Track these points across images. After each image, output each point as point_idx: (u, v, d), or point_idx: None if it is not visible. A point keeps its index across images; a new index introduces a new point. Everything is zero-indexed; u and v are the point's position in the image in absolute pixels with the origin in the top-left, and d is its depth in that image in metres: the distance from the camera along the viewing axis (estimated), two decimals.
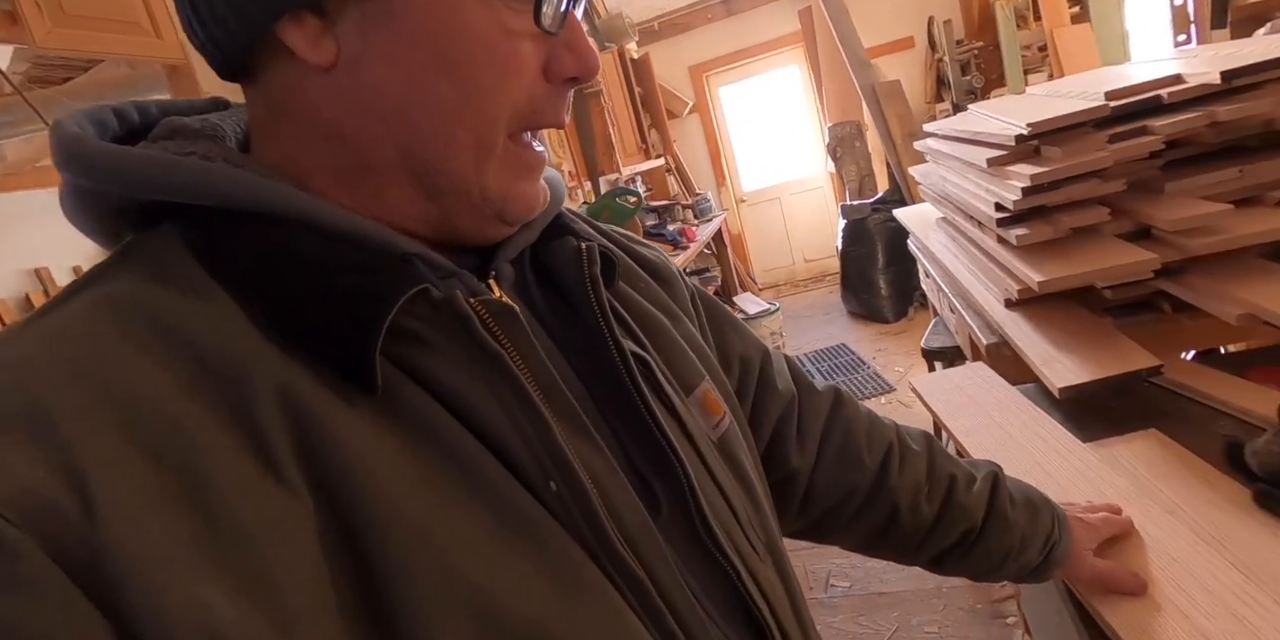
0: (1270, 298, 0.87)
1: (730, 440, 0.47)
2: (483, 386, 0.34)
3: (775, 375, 0.61)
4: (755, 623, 0.40)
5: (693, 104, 5.28)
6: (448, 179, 0.36)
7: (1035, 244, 1.09)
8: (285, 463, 0.28)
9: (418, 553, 0.29)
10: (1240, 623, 0.57)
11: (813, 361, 3.80)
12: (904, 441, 0.65)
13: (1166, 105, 1.07)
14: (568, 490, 0.34)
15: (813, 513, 0.62)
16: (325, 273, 0.33)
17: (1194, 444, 0.82)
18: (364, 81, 0.34)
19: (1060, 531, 0.64)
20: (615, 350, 0.41)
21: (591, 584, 0.33)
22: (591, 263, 0.42)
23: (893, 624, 1.82)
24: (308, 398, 0.30)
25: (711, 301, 0.59)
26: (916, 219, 2.05)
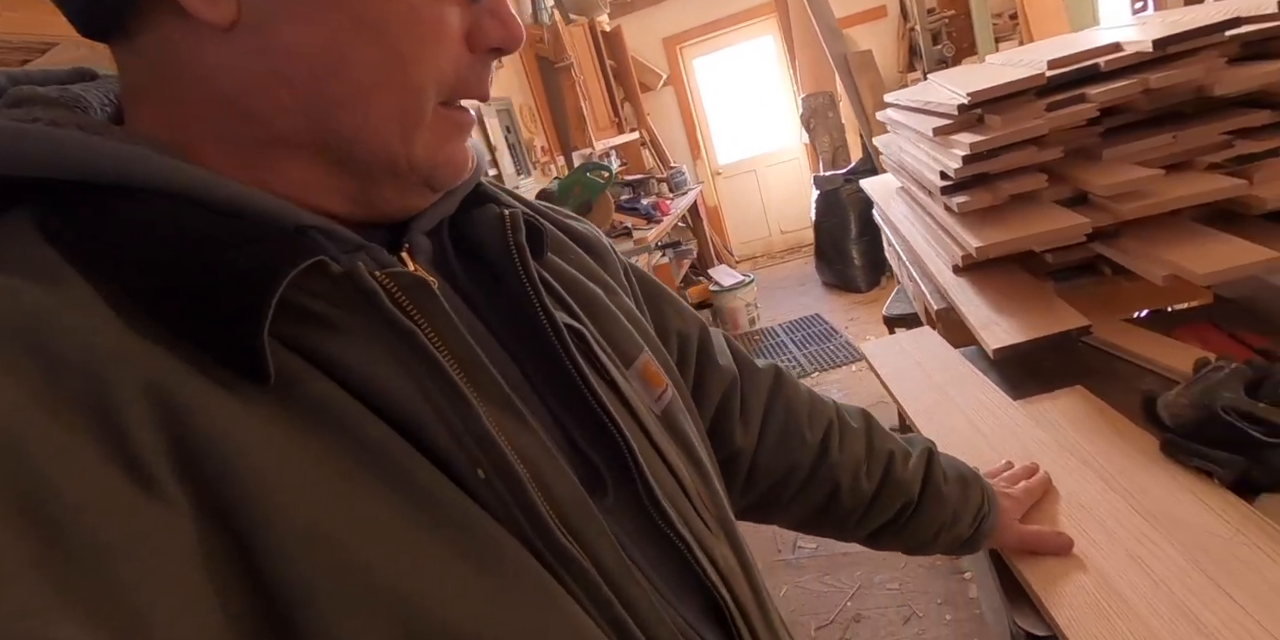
0: (1192, 258, 0.91)
1: (674, 413, 0.46)
2: (395, 368, 0.31)
3: (716, 353, 0.60)
4: (712, 599, 0.39)
5: (667, 76, 5.24)
6: (369, 151, 0.34)
7: (977, 211, 1.12)
8: (156, 469, 0.25)
9: (323, 557, 0.26)
10: (1135, 561, 0.61)
11: (786, 332, 3.85)
12: (843, 419, 0.65)
13: (1105, 73, 1.10)
14: (498, 476, 0.32)
15: (755, 492, 0.62)
16: (202, 249, 0.30)
17: (1117, 399, 0.87)
18: (272, 45, 0.31)
19: (989, 505, 0.66)
20: (547, 321, 0.38)
21: (529, 578, 0.31)
22: (515, 229, 0.40)
23: (856, 582, 1.89)
24: (184, 393, 0.27)
25: (645, 277, 0.57)
26: (880, 189, 2.07)
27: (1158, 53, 1.03)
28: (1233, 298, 1.06)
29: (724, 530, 0.43)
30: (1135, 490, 0.69)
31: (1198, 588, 0.57)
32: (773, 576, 2.00)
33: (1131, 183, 0.99)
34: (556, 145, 3.95)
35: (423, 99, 0.34)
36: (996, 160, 1.08)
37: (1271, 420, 0.69)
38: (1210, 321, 1.01)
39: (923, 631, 1.68)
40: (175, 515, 0.25)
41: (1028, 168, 1.10)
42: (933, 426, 0.90)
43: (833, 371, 3.16)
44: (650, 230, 3.48)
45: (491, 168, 3.25)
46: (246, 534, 0.26)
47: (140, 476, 0.25)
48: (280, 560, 0.26)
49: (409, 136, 0.34)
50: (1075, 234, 1.00)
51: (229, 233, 0.30)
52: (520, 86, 3.72)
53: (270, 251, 0.30)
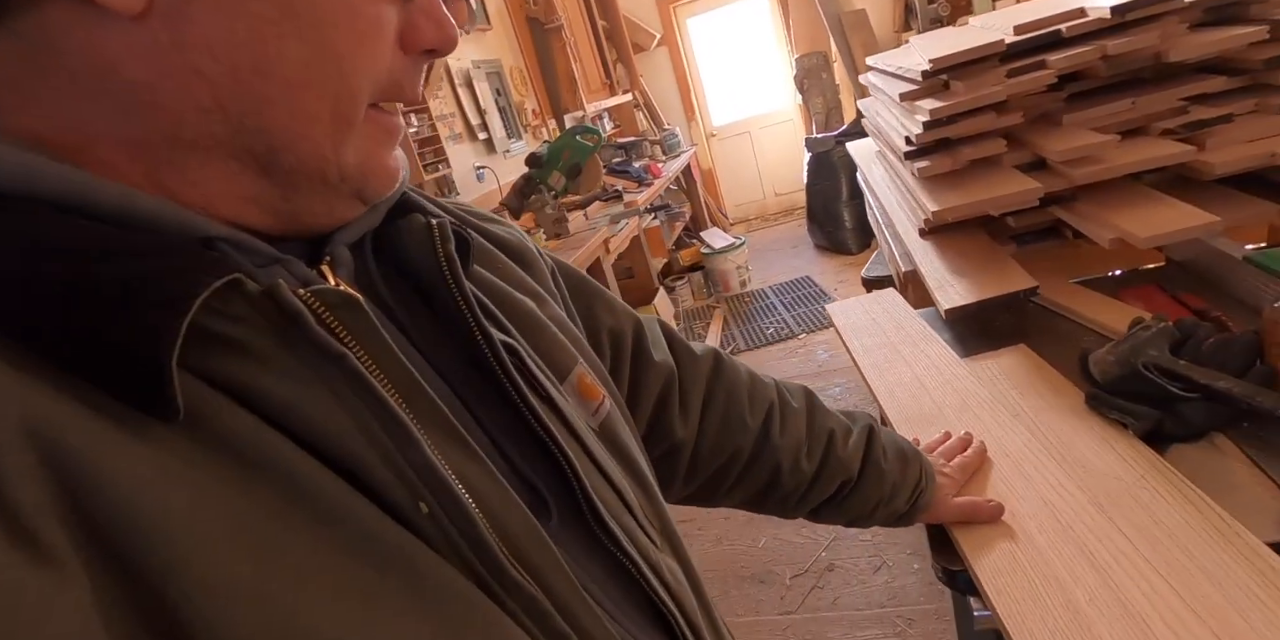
0: (1136, 222, 0.94)
1: (612, 425, 0.45)
2: (325, 397, 0.29)
3: (651, 347, 0.59)
4: (660, 614, 0.39)
5: (660, 37, 5.17)
6: (296, 157, 0.31)
7: (938, 175, 1.15)
8: (39, 527, 0.22)
9: (252, 613, 0.24)
10: (1046, 505, 0.67)
11: (776, 294, 3.89)
12: (784, 400, 0.65)
13: (1068, 39, 1.12)
14: (443, 510, 0.29)
15: (698, 479, 0.62)
16: (91, 265, 0.25)
17: (1058, 357, 0.91)
18: (190, 38, 0.28)
19: (927, 481, 0.68)
20: (483, 339, 0.37)
21: (483, 618, 0.29)
22: (445, 240, 0.37)
23: (832, 534, 1.97)
24: (72, 436, 0.23)
25: (574, 274, 0.55)
26: (864, 152, 2.09)
27: (1116, 19, 1.05)
28: (1182, 261, 1.10)
29: (669, 542, 0.43)
30: (1057, 441, 0.74)
31: (1096, 527, 0.62)
32: (753, 528, 2.08)
33: (1084, 148, 1.02)
34: (548, 108, 3.93)
35: (356, 100, 0.32)
36: (957, 125, 1.11)
37: (1189, 376, 0.74)
38: (1156, 283, 1.05)
39: (892, 580, 1.76)
40: (64, 580, 0.22)
41: (988, 133, 1.13)
42: (882, 380, 0.95)
43: (819, 333, 3.21)
44: (641, 193, 3.49)
45: (482, 131, 3.24)
46: (164, 596, 0.23)
47: (19, 535, 0.21)
48: (203, 619, 0.23)
49: (340, 141, 0.32)
50: (1028, 198, 1.03)
51: (124, 246, 0.26)
52: (510, 48, 3.69)
53: (176, 268, 0.26)
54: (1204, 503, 0.61)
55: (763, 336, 3.38)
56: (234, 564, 0.24)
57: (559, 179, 2.84)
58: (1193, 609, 0.52)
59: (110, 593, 0.22)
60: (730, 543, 2.05)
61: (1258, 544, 0.56)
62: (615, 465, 0.42)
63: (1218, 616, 0.51)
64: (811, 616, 1.72)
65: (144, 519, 0.23)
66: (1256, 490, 0.63)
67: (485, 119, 3.27)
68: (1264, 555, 0.55)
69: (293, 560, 0.25)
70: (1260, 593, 0.52)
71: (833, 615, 1.70)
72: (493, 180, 3.10)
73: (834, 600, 1.75)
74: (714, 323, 3.69)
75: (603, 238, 2.70)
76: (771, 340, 3.31)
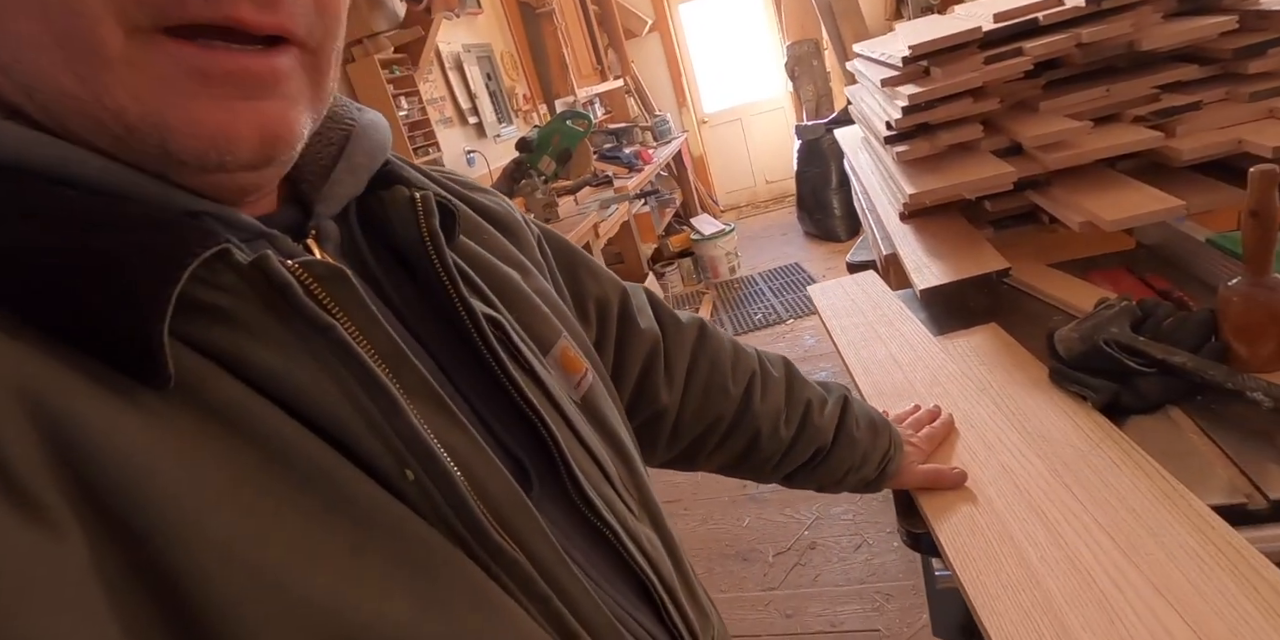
0: (1104, 206, 0.97)
1: (594, 398, 0.45)
2: (313, 366, 0.29)
3: (636, 314, 0.60)
4: (640, 582, 0.40)
5: (652, 22, 5.16)
6: (49, 96, 0.26)
7: (918, 159, 1.18)
8: (35, 489, 0.22)
9: (244, 573, 0.24)
10: (1005, 471, 0.70)
11: (765, 280, 3.92)
12: (765, 369, 0.68)
13: (1046, 26, 1.14)
14: (428, 477, 0.30)
15: (680, 443, 0.64)
16: (80, 234, 0.25)
17: (1028, 335, 0.94)
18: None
19: (895, 450, 0.71)
20: (465, 312, 0.37)
21: (464, 579, 0.30)
22: (429, 214, 0.38)
23: (814, 514, 2.01)
24: (66, 402, 0.24)
25: (561, 243, 0.56)
26: (850, 139, 2.11)
27: (1092, 8, 1.07)
28: (1150, 245, 1.13)
29: (648, 512, 0.44)
30: (1020, 412, 0.78)
31: (1051, 491, 0.65)
32: (737, 509, 2.12)
33: (1056, 134, 1.04)
34: (539, 93, 3.93)
35: (81, 16, 0.25)
36: (935, 111, 1.13)
37: (1147, 351, 0.77)
38: (1125, 266, 1.08)
39: (871, 558, 1.81)
40: (63, 540, 0.22)
41: (966, 119, 1.15)
42: (858, 357, 0.98)
43: (807, 319, 3.25)
44: (631, 179, 3.51)
45: (472, 116, 3.25)
46: (157, 554, 0.23)
47: (17, 499, 0.22)
48: (197, 579, 0.24)
49: (91, 76, 0.26)
50: (1002, 183, 1.06)
51: (114, 217, 0.26)
52: (501, 32, 3.68)
53: (165, 238, 0.26)
54: (1153, 469, 0.64)
55: (751, 322, 3.41)
56: (226, 526, 0.25)
57: (549, 164, 2.86)
58: (1135, 564, 0.55)
59: (107, 554, 0.23)
60: (715, 522, 2.09)
61: (1201, 506, 0.59)
62: (596, 437, 0.43)
63: (1158, 570, 0.54)
64: (793, 592, 1.76)
65: (138, 482, 0.24)
66: (1207, 458, 0.67)
67: (476, 103, 3.28)
68: (1205, 516, 0.58)
69: (282, 524, 0.26)
70: (1198, 549, 0.55)
71: (813, 591, 1.75)
72: (483, 164, 3.11)
73: (815, 577, 1.79)
74: (703, 308, 3.72)
75: (592, 223, 2.72)
76: (759, 326, 3.34)
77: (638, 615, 0.39)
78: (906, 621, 1.57)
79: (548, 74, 3.93)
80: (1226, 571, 0.53)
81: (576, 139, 3.00)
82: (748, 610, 1.73)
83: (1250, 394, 0.67)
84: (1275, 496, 0.60)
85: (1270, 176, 0.68)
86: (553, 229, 0.56)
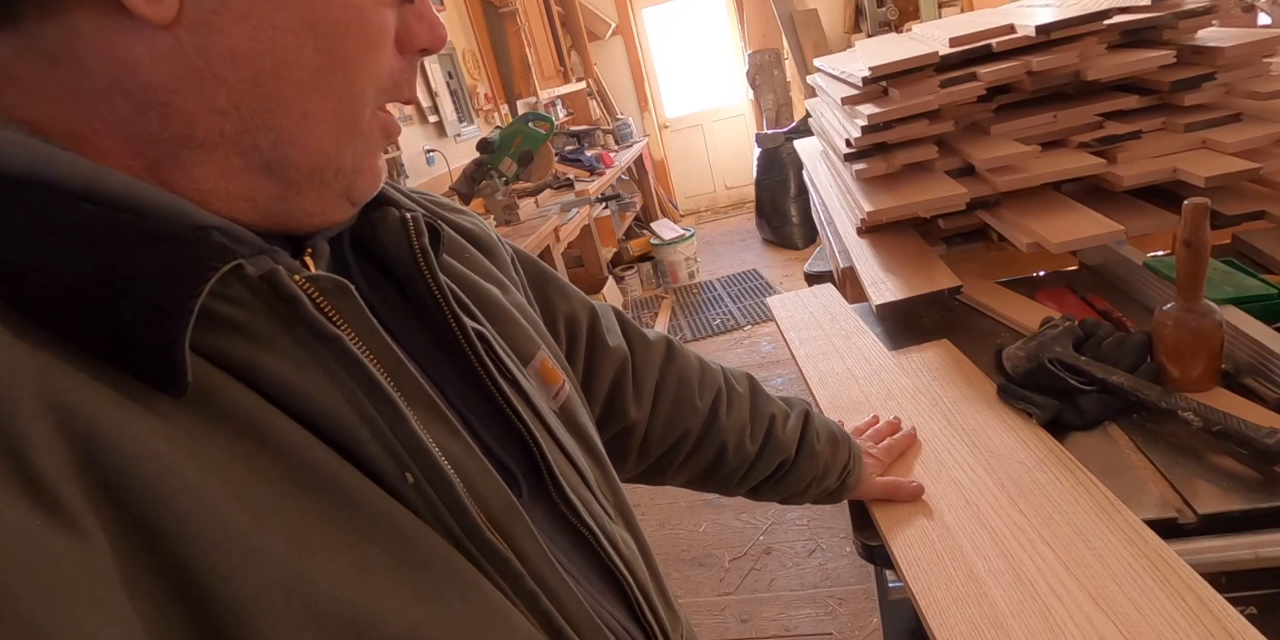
0: (1051, 229, 1.02)
1: (572, 407, 0.48)
2: (319, 376, 0.31)
3: (605, 333, 0.61)
4: (616, 582, 0.42)
5: (615, 26, 5.17)
6: (302, 153, 0.33)
7: (876, 177, 1.21)
8: (63, 494, 0.23)
9: (264, 572, 0.26)
10: (955, 484, 0.73)
11: (724, 286, 3.96)
12: (730, 384, 0.70)
13: (998, 53, 1.19)
14: (428, 481, 0.32)
15: (649, 458, 0.66)
16: (102, 247, 0.27)
17: (977, 351, 0.98)
18: (215, 46, 0.30)
19: (854, 461, 0.73)
20: (457, 328, 0.39)
21: (463, 578, 0.32)
22: (419, 234, 0.40)
23: (770, 519, 2.05)
24: (90, 409, 0.25)
25: (532, 262, 0.58)
26: (810, 151, 2.16)
27: (1041, 37, 1.12)
28: (1092, 265, 1.19)
29: (622, 515, 0.46)
30: (969, 427, 0.81)
31: (997, 505, 0.68)
32: (694, 514, 2.14)
33: (1008, 158, 1.09)
34: (500, 93, 3.91)
35: (360, 103, 0.34)
36: (893, 131, 1.17)
37: (1088, 370, 0.82)
38: (1069, 286, 1.13)
39: (825, 563, 1.85)
40: (88, 544, 0.23)
41: (922, 139, 1.19)
42: (815, 370, 1.01)
43: (764, 325, 3.30)
44: (593, 182, 3.51)
45: (433, 114, 3.21)
46: (180, 556, 0.25)
47: (43, 504, 0.22)
48: (220, 576, 0.25)
49: (342, 141, 0.34)
50: (955, 203, 1.10)
51: (135, 231, 0.28)
52: (464, 31, 3.65)
53: (185, 253, 0.28)
54: (1092, 484, 0.68)
55: (709, 327, 3.45)
56: (243, 528, 0.26)
57: (510, 165, 2.84)
58: (1074, 576, 0.58)
59: (128, 556, 0.24)
60: (672, 528, 2.11)
61: (1135, 520, 0.63)
62: (575, 444, 0.45)
63: (1095, 582, 0.57)
64: (748, 597, 1.79)
65: (159, 487, 0.25)
66: (1140, 474, 0.71)
67: (436, 102, 3.24)
68: (1139, 529, 0.62)
69: (294, 525, 0.28)
70: (1132, 561, 0.59)
71: (768, 596, 1.78)
72: (443, 164, 3.08)
73: (770, 582, 1.82)
74: (662, 313, 3.75)
75: (553, 226, 2.72)
76: (718, 331, 3.38)
77: (614, 612, 0.41)
78: (858, 625, 1.61)
79: (510, 74, 3.91)
80: (1158, 582, 0.56)
81: (539, 141, 2.99)
82: (704, 615, 1.76)
83: (1182, 413, 0.71)
84: (1203, 512, 0.64)
85: (1202, 209, 0.72)
86: (523, 248, 0.58)
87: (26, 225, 0.27)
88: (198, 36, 0.29)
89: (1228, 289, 0.89)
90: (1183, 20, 1.13)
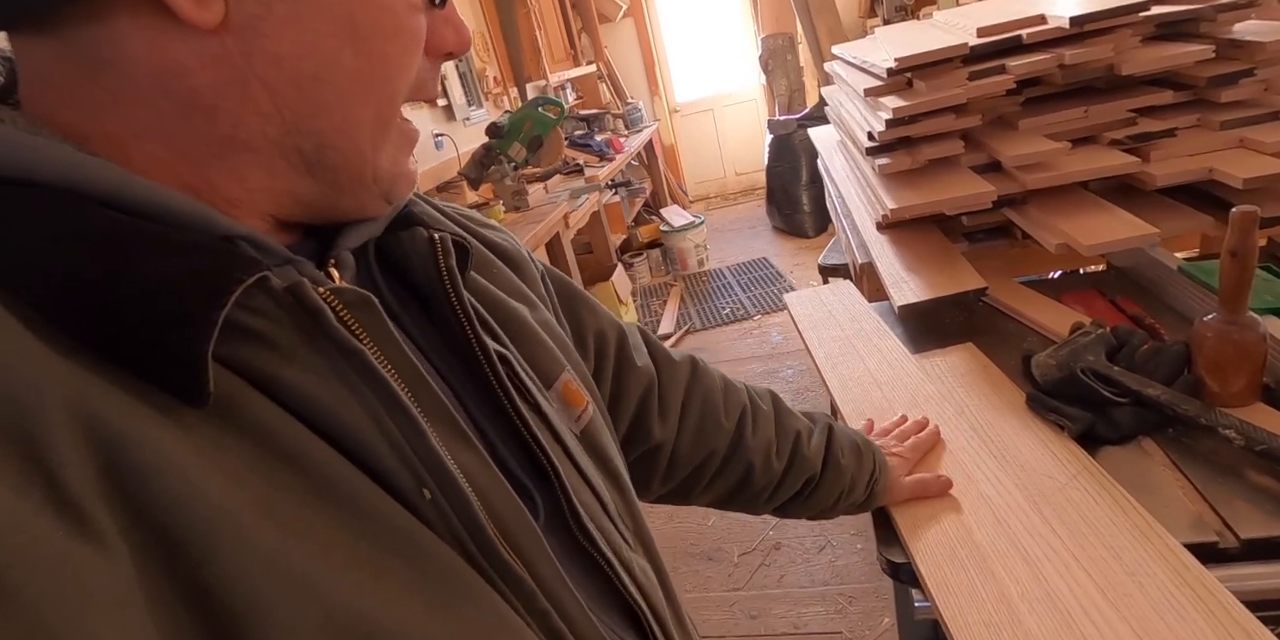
0: (1082, 230, 0.98)
1: (594, 431, 0.47)
2: (340, 389, 0.31)
3: (633, 352, 0.61)
4: (631, 610, 0.41)
5: (626, 8, 5.09)
6: (343, 156, 0.34)
7: (898, 172, 1.18)
8: (87, 505, 0.23)
9: (284, 583, 0.26)
10: (984, 500, 0.71)
11: (734, 274, 3.93)
12: (755, 402, 0.69)
13: (1027, 45, 1.14)
14: (444, 496, 0.32)
15: (675, 478, 0.65)
16: (128, 256, 0.27)
17: (1003, 356, 0.95)
18: (259, 49, 0.30)
19: (880, 470, 0.72)
20: (479, 349, 0.39)
21: (476, 594, 0.32)
22: (446, 254, 0.39)
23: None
24: (115, 420, 0.25)
25: (561, 280, 0.58)
26: (825, 139, 2.11)
27: (1075, 29, 1.08)
28: (1121, 267, 1.15)
29: (641, 543, 0.46)
30: (997, 439, 0.79)
31: (1030, 524, 0.66)
32: (703, 508, 2.13)
33: (1037, 155, 1.05)
34: (510, 76, 3.85)
35: (395, 106, 0.35)
36: (918, 125, 1.13)
37: (1122, 382, 0.79)
38: (1096, 288, 1.10)
39: (835, 560, 1.83)
40: (109, 554, 0.23)
41: (948, 134, 1.16)
42: (835, 373, 0.99)
43: (774, 315, 3.27)
44: (603, 168, 3.47)
45: (441, 98, 3.17)
46: (199, 567, 0.25)
47: (68, 512, 0.23)
48: (240, 586, 0.25)
49: (378, 144, 0.35)
50: (982, 201, 1.07)
51: (163, 241, 0.28)
52: (473, 13, 3.59)
53: (211, 264, 0.28)
54: (1129, 503, 0.66)
55: (718, 316, 3.42)
56: (267, 536, 0.26)
57: (520, 151, 2.80)
58: (1113, 604, 0.56)
59: (149, 566, 0.24)
60: (680, 521, 2.10)
61: (1175, 544, 0.61)
62: (595, 469, 0.44)
63: (1136, 613, 0.55)
64: (758, 593, 1.78)
65: (180, 497, 0.25)
66: (1176, 493, 0.68)
67: (445, 85, 3.20)
68: (1180, 555, 0.59)
69: (313, 537, 0.28)
70: (1175, 591, 0.56)
71: (778, 592, 1.77)
72: (451, 149, 3.04)
73: (780, 578, 1.81)
74: (671, 301, 3.72)
75: (563, 212, 2.68)
76: (727, 320, 3.35)
77: (627, 638, 0.41)
78: (869, 624, 1.60)
79: (519, 57, 3.85)
80: (1201, 613, 0.54)
81: (549, 126, 2.95)
82: (712, 611, 1.75)
83: (1223, 430, 0.68)
84: (1246, 536, 0.61)
85: (1251, 217, 0.69)
86: (554, 267, 0.57)
87: (55, 232, 0.27)
88: (242, 40, 0.30)
89: (1268, 298, 0.86)
90: (1222, 13, 1.08)
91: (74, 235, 0.27)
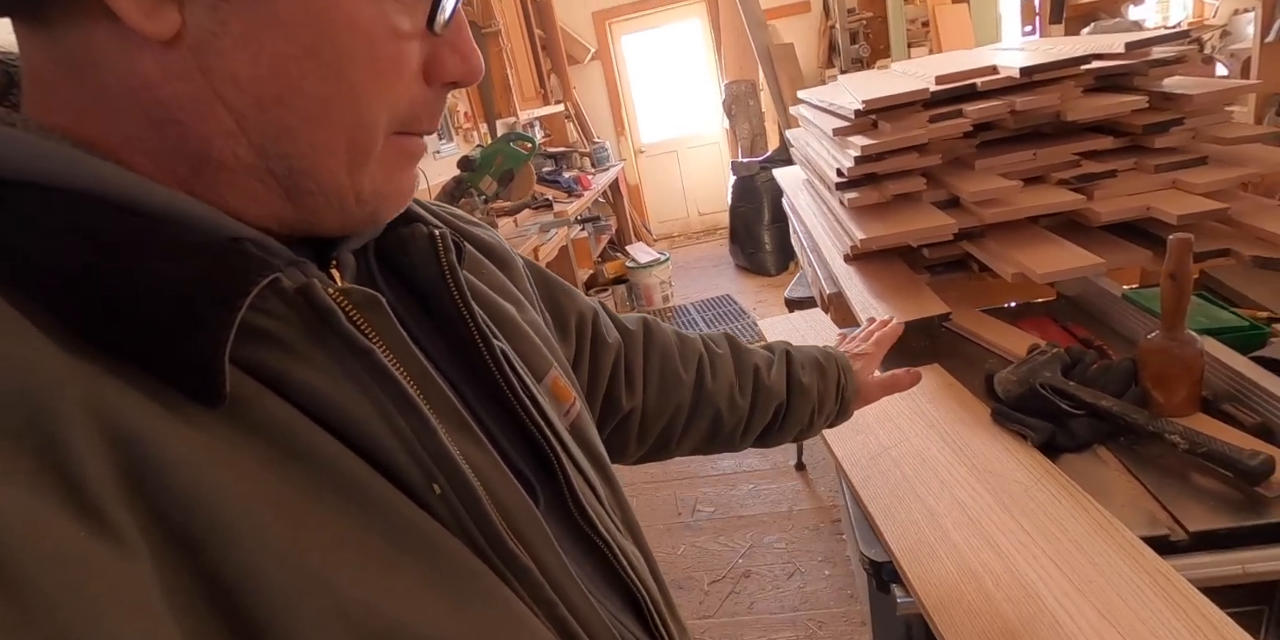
0: (1035, 261, 1.06)
1: (582, 425, 0.48)
2: (351, 387, 0.31)
3: (604, 330, 0.62)
4: (628, 594, 0.42)
5: (595, 51, 5.25)
6: (316, 182, 0.33)
7: (866, 207, 1.26)
8: (106, 506, 0.23)
9: (300, 579, 0.26)
10: (958, 503, 0.76)
11: (699, 310, 4.01)
12: (710, 349, 0.70)
13: (981, 92, 1.25)
14: (453, 491, 0.33)
15: (649, 438, 0.67)
16: (150, 260, 0.27)
17: (967, 376, 1.02)
18: (215, 67, 0.29)
19: (846, 376, 0.73)
20: (482, 342, 0.39)
21: (486, 586, 0.32)
22: (448, 251, 0.40)
23: (748, 542, 2.06)
24: (132, 419, 0.25)
25: (539, 270, 0.59)
26: (790, 179, 2.21)
27: (1024, 79, 1.18)
28: (1071, 296, 1.24)
29: (630, 531, 0.47)
30: (967, 448, 0.84)
31: (1000, 522, 0.71)
32: (672, 537, 2.14)
33: (993, 191, 1.14)
34: (480, 112, 3.93)
35: (373, 133, 0.33)
36: (884, 162, 1.22)
37: (1078, 396, 0.85)
38: (1049, 315, 1.18)
39: (804, 586, 1.86)
40: (130, 554, 0.23)
41: (910, 171, 1.24)
42: None
43: None
44: (571, 203, 3.54)
45: None
46: (217, 565, 0.25)
47: (87, 512, 0.23)
48: (257, 583, 0.25)
49: (356, 170, 0.33)
50: (944, 233, 1.15)
51: (177, 243, 0.28)
52: None
53: (225, 266, 0.28)
54: (1089, 503, 0.71)
55: None
56: (284, 534, 0.27)
57: (490, 184, 2.85)
58: (1081, 590, 0.61)
59: (169, 566, 0.24)
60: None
61: (1133, 538, 0.66)
62: (586, 460, 0.46)
63: (1101, 597, 0.60)
64: (729, 620, 1.79)
65: (198, 496, 0.25)
66: (1130, 493, 0.74)
67: None
68: (1138, 547, 0.65)
69: (327, 534, 0.28)
70: (1134, 577, 0.61)
71: (748, 619, 1.78)
72: (422, 181, 3.08)
73: (750, 605, 1.83)
74: None
75: (533, 245, 2.73)
76: None
77: (628, 623, 0.42)
78: None
79: (490, 93, 3.93)
80: (1160, 597, 0.59)
81: (520, 161, 3.01)
82: None
83: (1169, 436, 0.75)
84: (1193, 529, 0.67)
85: (1186, 243, 0.77)
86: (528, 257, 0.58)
87: (70, 236, 0.27)
88: (199, 57, 0.29)
89: (1203, 320, 0.94)
90: (1153, 68, 1.20)
91: (90, 239, 0.27)
